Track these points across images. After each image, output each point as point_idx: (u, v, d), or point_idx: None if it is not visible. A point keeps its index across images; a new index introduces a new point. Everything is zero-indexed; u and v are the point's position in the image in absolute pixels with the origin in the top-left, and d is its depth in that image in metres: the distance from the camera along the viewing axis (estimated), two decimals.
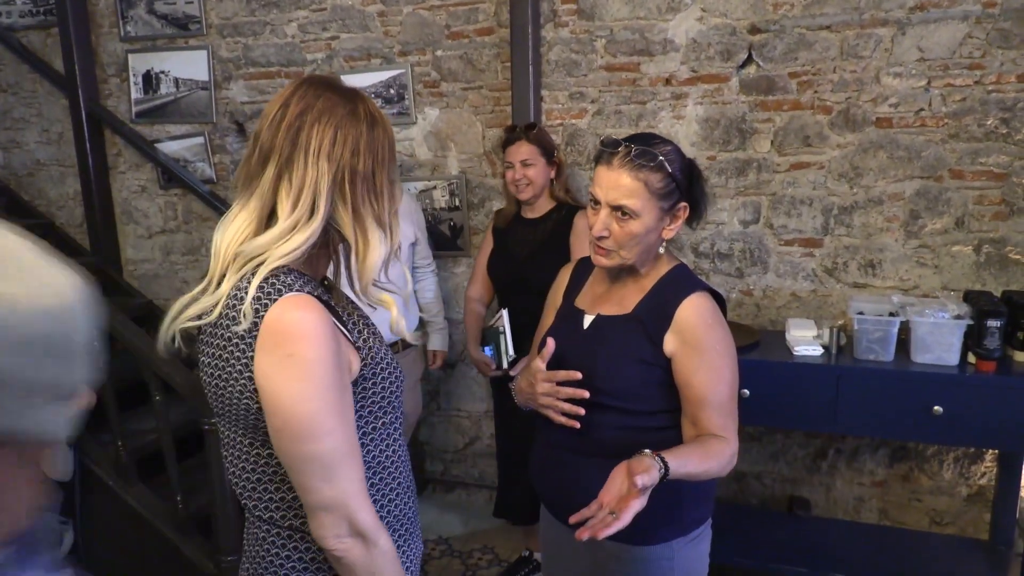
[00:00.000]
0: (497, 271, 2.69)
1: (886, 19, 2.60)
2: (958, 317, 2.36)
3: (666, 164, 1.45)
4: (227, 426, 1.13)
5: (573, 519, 1.27)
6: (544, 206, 2.65)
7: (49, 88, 3.82)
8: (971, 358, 2.37)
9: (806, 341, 2.56)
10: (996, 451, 2.69)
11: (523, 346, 2.46)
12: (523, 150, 2.56)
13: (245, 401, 1.05)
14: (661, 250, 1.52)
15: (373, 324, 1.22)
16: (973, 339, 2.35)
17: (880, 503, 2.94)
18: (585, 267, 1.67)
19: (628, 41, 2.89)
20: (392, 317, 1.17)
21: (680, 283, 1.50)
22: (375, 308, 1.20)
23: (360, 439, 1.11)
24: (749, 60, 2.77)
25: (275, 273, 1.05)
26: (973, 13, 2.51)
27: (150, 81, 3.65)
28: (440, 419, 3.53)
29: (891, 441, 2.83)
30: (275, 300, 1.02)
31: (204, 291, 1.12)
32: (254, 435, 1.09)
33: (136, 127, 3.70)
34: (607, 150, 1.48)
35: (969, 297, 2.49)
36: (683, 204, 1.50)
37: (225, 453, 1.18)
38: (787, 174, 2.79)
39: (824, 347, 2.55)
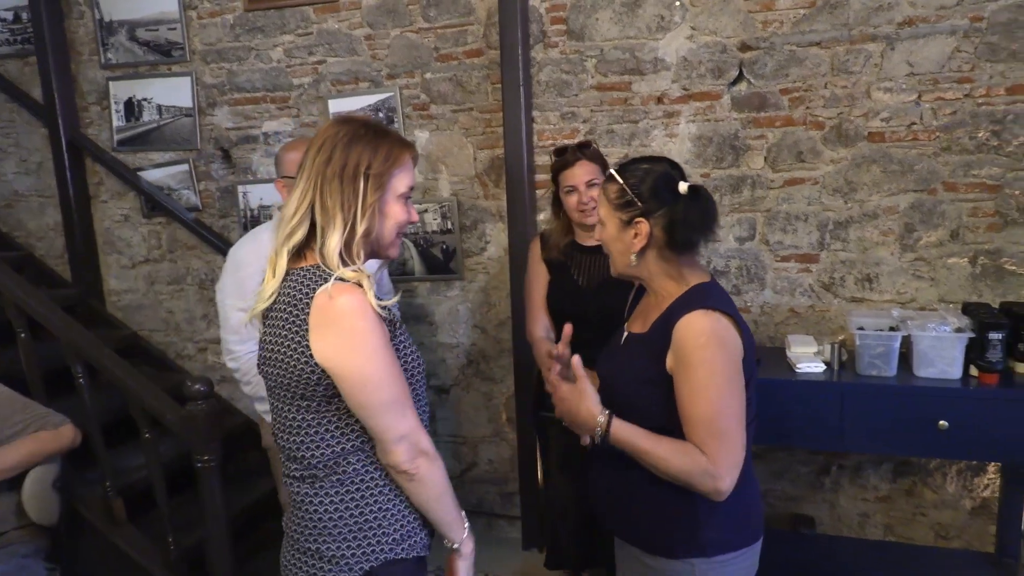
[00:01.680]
0: (561, 304, 2.40)
1: (875, 35, 2.61)
2: (959, 330, 2.35)
3: (617, 177, 1.58)
4: (278, 397, 1.41)
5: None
6: None
7: (27, 117, 3.75)
8: (973, 371, 2.36)
9: (807, 358, 2.54)
10: (999, 463, 2.68)
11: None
12: (587, 170, 2.32)
13: (301, 365, 1.33)
14: (633, 260, 1.57)
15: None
16: (975, 352, 2.34)
17: (885, 518, 2.92)
18: (642, 289, 1.73)
19: (619, 60, 2.88)
20: (364, 286, 1.35)
21: (689, 302, 1.51)
22: None
23: None
24: (740, 77, 2.77)
25: (316, 266, 1.36)
26: (961, 28, 2.53)
27: (132, 108, 3.59)
28: (437, 444, 3.44)
29: (894, 456, 2.81)
30: (319, 285, 1.31)
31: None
32: (300, 401, 1.36)
33: (118, 155, 3.63)
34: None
35: (968, 309, 2.48)
36: (640, 219, 1.54)
37: (277, 425, 1.45)
38: (781, 190, 2.79)
39: (826, 363, 2.53)
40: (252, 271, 2.21)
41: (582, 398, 1.52)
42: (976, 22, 2.51)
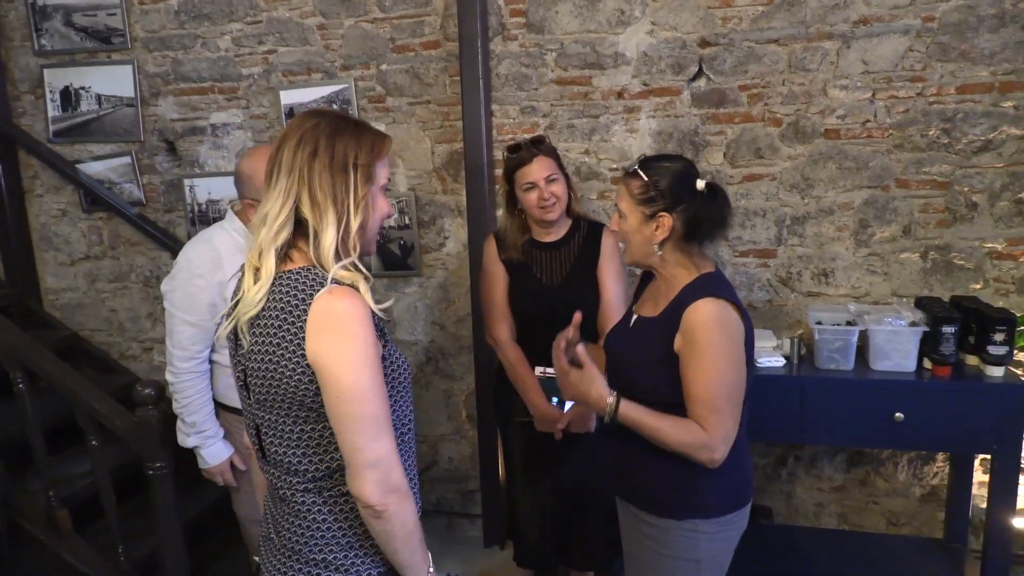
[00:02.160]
0: (525, 305, 2.39)
1: (831, 33, 2.64)
2: (913, 324, 2.41)
3: (642, 173, 1.67)
4: (272, 409, 1.32)
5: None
6: (563, 226, 2.41)
7: None
8: (927, 364, 2.42)
9: (767, 352, 2.57)
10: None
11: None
12: (544, 165, 2.28)
13: (297, 376, 1.26)
14: (658, 251, 1.68)
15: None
16: (928, 345, 2.39)
17: (839, 508, 2.98)
18: (650, 275, 1.85)
19: (579, 55, 2.86)
20: (362, 290, 1.31)
21: (699, 289, 1.64)
22: None
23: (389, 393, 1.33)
24: (700, 73, 2.78)
25: (307, 267, 1.30)
26: (914, 28, 2.58)
27: (69, 98, 3.41)
28: None
29: (848, 447, 2.87)
30: (317, 290, 1.25)
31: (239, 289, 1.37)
32: (299, 412, 1.30)
33: (54, 147, 3.45)
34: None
35: (921, 303, 2.55)
36: (663, 214, 1.65)
37: (270, 438, 1.36)
38: (740, 186, 2.81)
39: (785, 357, 2.56)
40: (205, 283, 2.10)
41: (592, 383, 1.65)
42: (928, 22, 2.57)
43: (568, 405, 2.35)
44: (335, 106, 3.11)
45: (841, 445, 2.83)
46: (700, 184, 1.66)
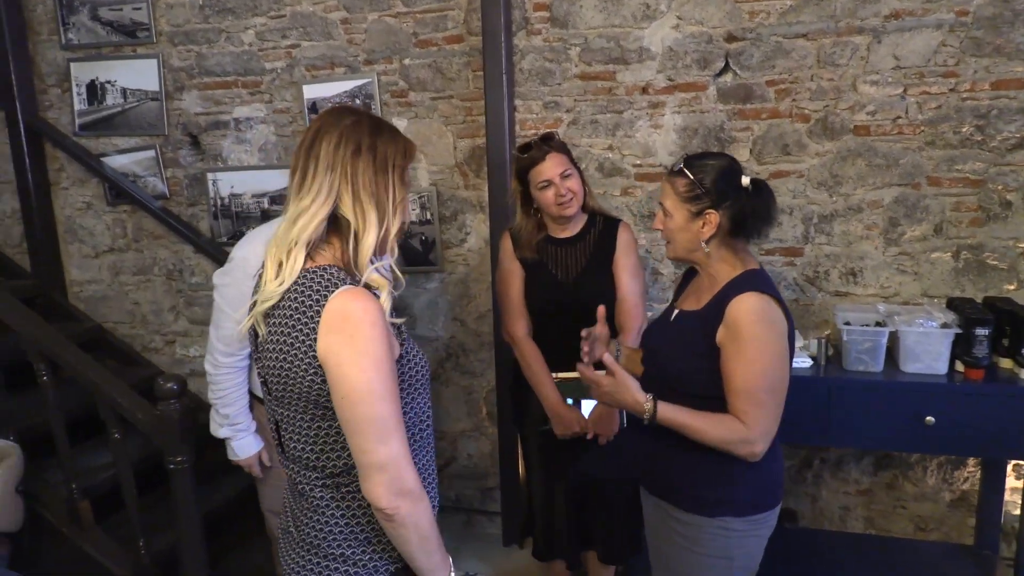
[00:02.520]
0: (540, 301, 2.38)
1: (862, 27, 2.59)
2: (945, 326, 2.35)
3: (687, 172, 1.68)
4: (289, 405, 1.31)
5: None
6: (579, 221, 2.38)
7: None
8: (959, 366, 2.36)
9: (795, 353, 2.51)
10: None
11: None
12: (557, 162, 2.25)
13: (311, 375, 1.25)
14: (706, 248, 1.69)
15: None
16: (961, 347, 2.34)
17: (866, 511, 2.93)
18: (693, 271, 1.87)
19: (603, 49, 2.82)
20: (381, 298, 1.30)
21: (743, 284, 1.65)
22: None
23: (402, 393, 1.31)
24: (726, 68, 2.73)
25: (325, 267, 1.28)
26: (947, 22, 2.52)
27: (95, 91, 3.43)
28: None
29: (876, 450, 2.82)
30: (332, 291, 1.23)
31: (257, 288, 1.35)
32: (315, 410, 1.28)
33: (80, 140, 3.48)
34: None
35: (953, 304, 2.48)
36: (710, 211, 1.66)
37: (287, 434, 1.36)
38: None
39: (812, 358, 2.51)
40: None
41: (625, 390, 1.66)
42: (962, 16, 2.50)
43: (584, 405, 2.33)
44: (357, 101, 3.10)
45: (868, 448, 2.77)
46: (745, 180, 1.67)
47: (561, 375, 2.33)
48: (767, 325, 1.61)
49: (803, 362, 2.48)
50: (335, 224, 1.30)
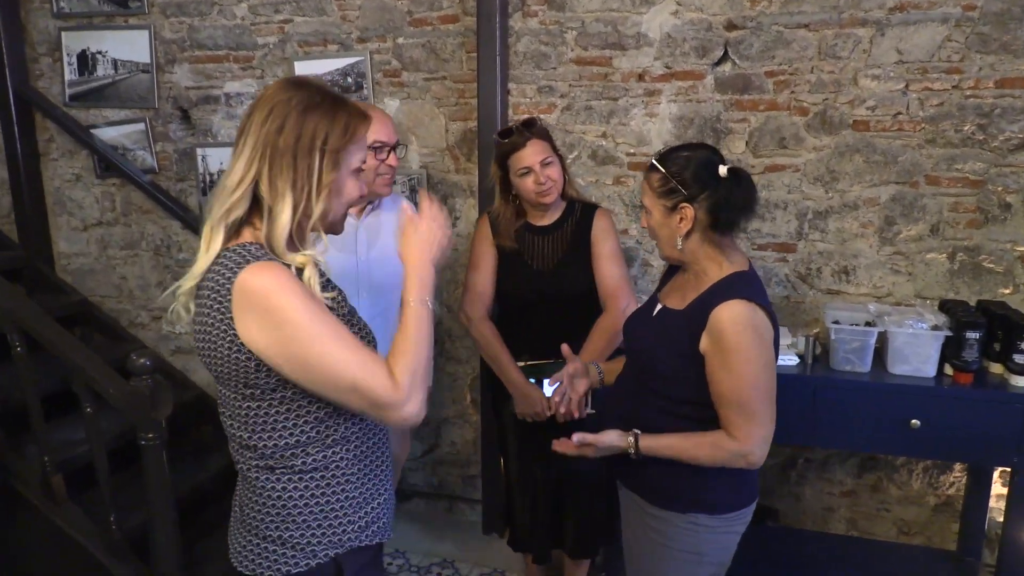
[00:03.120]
0: (517, 288, 2.36)
1: (865, 19, 2.52)
2: (936, 328, 2.30)
3: (659, 166, 1.65)
4: (222, 384, 1.29)
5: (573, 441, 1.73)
6: (558, 208, 2.36)
7: None
8: (948, 370, 2.31)
9: (781, 350, 2.46)
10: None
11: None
12: (538, 148, 2.22)
13: (234, 354, 1.21)
14: (679, 244, 1.65)
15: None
16: (951, 350, 2.29)
17: (849, 513, 2.89)
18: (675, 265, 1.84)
19: (600, 34, 2.76)
20: (305, 275, 1.26)
21: (728, 289, 1.60)
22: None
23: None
24: (725, 57, 2.67)
25: (243, 244, 1.24)
26: (953, 16, 2.45)
27: (86, 62, 3.38)
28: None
29: (860, 452, 2.77)
30: (242, 267, 1.19)
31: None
32: (244, 389, 1.25)
33: (70, 111, 3.43)
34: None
35: (945, 307, 2.43)
36: (684, 204, 1.62)
37: (222, 410, 1.34)
38: (762, 176, 2.70)
39: (799, 356, 2.47)
40: None
41: (610, 447, 1.69)
42: (969, 11, 2.43)
43: (547, 387, 2.30)
44: (349, 79, 3.05)
45: (852, 449, 2.73)
46: (723, 170, 1.62)
47: (528, 362, 2.32)
48: (752, 334, 1.57)
49: (790, 360, 2.44)
50: (259, 202, 1.26)
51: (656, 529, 1.75)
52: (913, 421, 2.26)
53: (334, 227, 1.34)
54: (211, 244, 1.26)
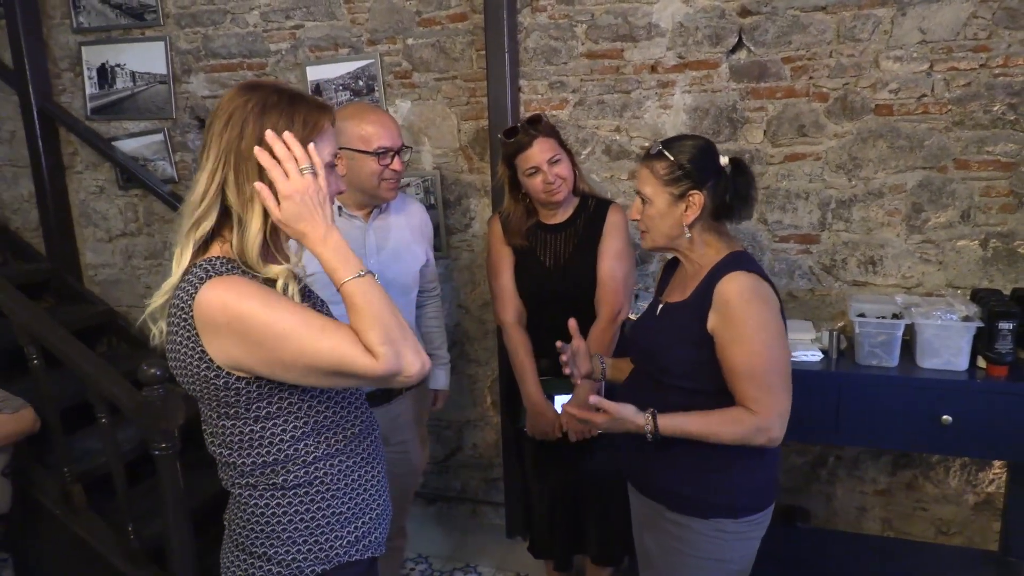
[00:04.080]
0: (528, 287, 2.31)
1: None
2: (967, 319, 2.20)
3: (667, 153, 1.62)
4: (201, 403, 1.28)
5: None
6: (570, 205, 2.31)
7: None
8: (981, 362, 2.21)
9: (804, 345, 2.39)
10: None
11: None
12: (545, 147, 2.16)
13: (203, 372, 1.20)
14: (687, 234, 1.63)
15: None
16: (983, 342, 2.18)
17: (883, 512, 2.78)
18: (675, 263, 1.81)
19: (610, 26, 2.70)
20: (278, 285, 1.24)
21: (728, 266, 1.59)
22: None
23: (288, 407, 1.27)
24: (739, 45, 2.59)
25: (210, 259, 1.21)
26: None
27: (105, 75, 3.43)
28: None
29: (887, 450, 2.67)
30: (202, 283, 1.17)
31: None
32: (218, 408, 1.24)
33: (92, 124, 3.49)
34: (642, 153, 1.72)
35: (978, 296, 2.33)
36: (694, 191, 1.60)
37: (204, 427, 1.32)
38: (781, 166, 2.62)
39: (823, 351, 2.38)
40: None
41: (622, 421, 1.60)
42: None
43: (558, 401, 2.26)
44: (360, 82, 3.03)
45: (879, 447, 2.63)
46: (724, 160, 1.63)
47: (548, 378, 2.27)
48: (760, 303, 1.55)
49: (813, 356, 2.35)
50: (228, 214, 1.23)
51: (676, 536, 1.70)
52: (944, 417, 2.16)
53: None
54: (181, 261, 1.24)
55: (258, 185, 1.18)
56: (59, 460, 2.41)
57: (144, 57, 3.35)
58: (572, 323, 1.82)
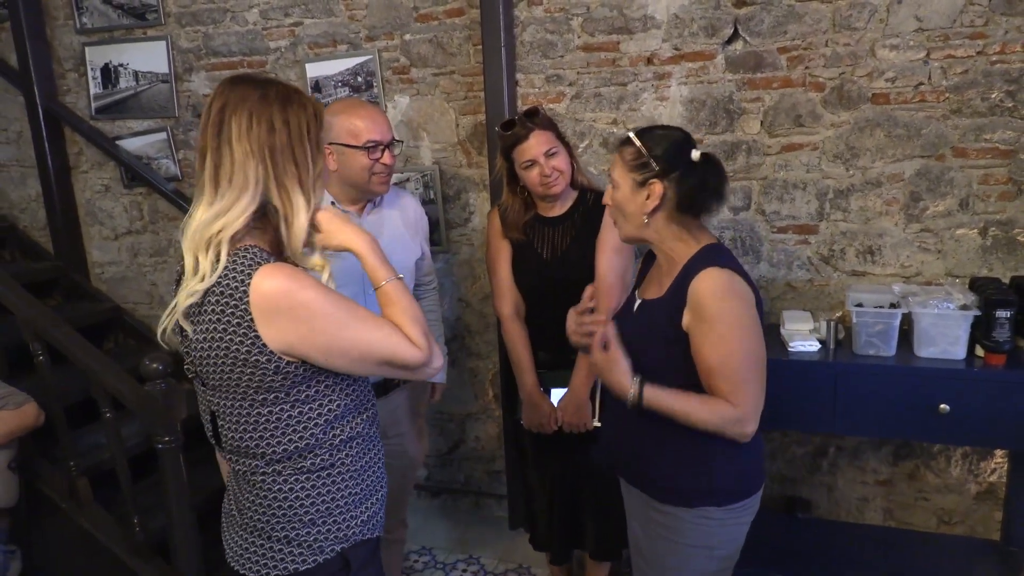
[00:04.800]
0: (525, 280, 2.32)
1: None
2: (964, 307, 2.19)
3: (634, 139, 1.63)
4: (226, 396, 1.29)
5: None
6: (568, 198, 2.31)
7: (5, 85, 3.64)
8: (979, 351, 2.20)
9: (802, 335, 2.39)
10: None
11: (566, 356, 2.21)
12: (542, 140, 2.16)
13: (254, 358, 1.22)
14: (645, 220, 1.62)
15: None
16: (981, 331, 2.17)
17: (885, 503, 2.78)
18: (651, 257, 1.79)
19: (606, 19, 2.70)
20: (323, 279, 1.29)
21: (702, 261, 1.58)
22: None
23: (325, 390, 1.32)
24: (735, 35, 2.58)
25: (245, 247, 1.24)
26: None
27: (109, 75, 3.46)
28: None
29: (884, 438, 2.66)
30: (254, 271, 1.20)
31: (179, 283, 1.31)
32: (255, 395, 1.26)
33: (96, 124, 3.52)
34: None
35: (976, 284, 2.32)
36: (654, 181, 1.59)
37: (222, 422, 1.34)
38: (778, 156, 2.61)
39: (821, 341, 2.38)
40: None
41: (614, 366, 1.58)
42: None
43: (554, 395, 2.26)
44: (359, 78, 3.05)
45: (877, 436, 2.62)
46: (695, 154, 1.61)
47: (545, 371, 2.29)
48: (733, 299, 1.55)
49: (811, 345, 2.35)
50: (261, 208, 1.25)
51: (664, 525, 1.71)
52: (942, 406, 2.16)
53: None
54: (214, 262, 1.24)
55: (323, 215, 1.31)
56: (65, 455, 2.45)
57: (146, 56, 3.38)
58: (588, 290, 1.77)
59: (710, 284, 1.54)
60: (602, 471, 2.26)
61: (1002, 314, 2.12)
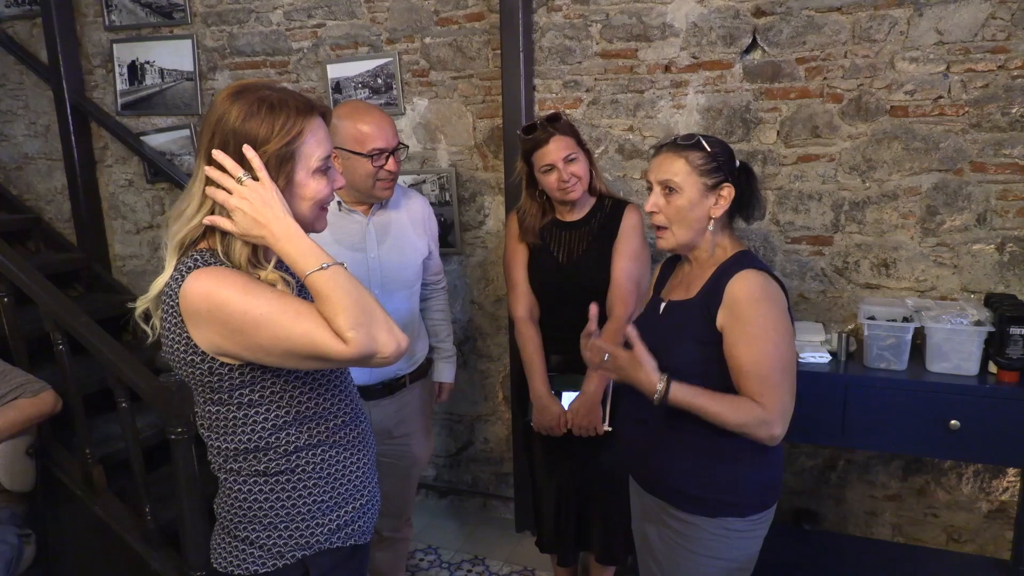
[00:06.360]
0: (539, 283, 2.33)
1: None
2: (978, 323, 2.17)
3: (704, 144, 1.63)
4: (193, 389, 1.32)
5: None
6: (586, 204, 2.31)
7: (35, 80, 3.73)
8: (992, 368, 2.18)
9: (812, 347, 2.38)
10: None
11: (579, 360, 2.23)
12: (562, 145, 2.17)
13: (190, 357, 1.24)
14: (710, 227, 1.64)
15: None
16: (994, 347, 2.16)
17: (894, 518, 2.76)
18: (672, 262, 1.83)
19: (625, 26, 2.72)
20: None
21: (737, 264, 1.61)
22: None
23: (271, 395, 1.30)
24: (754, 45, 2.58)
25: (199, 250, 1.25)
26: None
27: (135, 72, 3.53)
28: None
29: (893, 453, 2.64)
30: (187, 275, 1.21)
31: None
32: (205, 393, 1.29)
33: (122, 120, 3.59)
34: (659, 145, 1.71)
35: (991, 301, 2.30)
36: (726, 184, 1.62)
37: (196, 410, 1.36)
38: (794, 167, 2.61)
39: (832, 354, 2.37)
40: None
41: (640, 366, 1.57)
42: None
43: (565, 397, 2.27)
44: (379, 80, 3.08)
45: (885, 451, 2.60)
46: (737, 162, 1.68)
47: (556, 374, 2.30)
48: (769, 302, 1.56)
49: (821, 357, 2.34)
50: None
51: (682, 533, 1.70)
52: (952, 422, 2.15)
53: (312, 225, 1.34)
54: (168, 265, 1.28)
55: (208, 220, 1.23)
56: (81, 443, 2.50)
57: (172, 54, 3.45)
58: (593, 308, 1.74)
59: (747, 285, 1.56)
60: (610, 475, 2.28)
61: (1016, 331, 2.11)
